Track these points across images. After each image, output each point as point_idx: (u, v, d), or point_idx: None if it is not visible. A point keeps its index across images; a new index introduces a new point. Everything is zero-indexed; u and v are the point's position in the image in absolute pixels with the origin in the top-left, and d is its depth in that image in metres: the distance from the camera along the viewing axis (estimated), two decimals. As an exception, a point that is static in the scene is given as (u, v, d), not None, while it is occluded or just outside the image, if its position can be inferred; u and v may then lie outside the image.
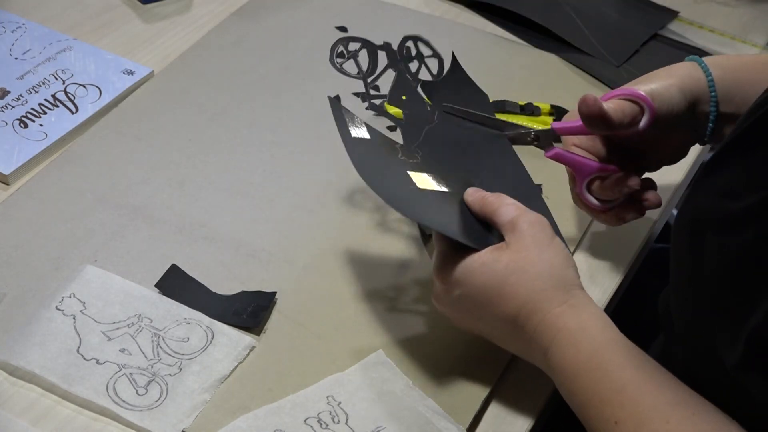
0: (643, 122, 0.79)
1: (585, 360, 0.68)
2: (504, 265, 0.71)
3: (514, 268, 0.71)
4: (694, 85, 0.82)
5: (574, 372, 0.68)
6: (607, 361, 0.67)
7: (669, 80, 0.81)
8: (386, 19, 1.14)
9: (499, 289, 0.71)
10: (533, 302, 0.70)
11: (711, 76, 0.82)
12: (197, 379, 0.74)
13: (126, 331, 0.77)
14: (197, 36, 1.09)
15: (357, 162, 0.74)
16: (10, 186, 0.90)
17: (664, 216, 0.95)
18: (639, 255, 0.90)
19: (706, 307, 0.68)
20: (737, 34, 1.15)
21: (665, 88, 0.81)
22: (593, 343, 0.68)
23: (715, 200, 0.68)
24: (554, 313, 0.69)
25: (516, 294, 0.71)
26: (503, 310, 0.71)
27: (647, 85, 0.81)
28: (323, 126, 0.99)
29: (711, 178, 0.71)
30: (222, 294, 0.81)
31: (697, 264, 0.69)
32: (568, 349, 0.68)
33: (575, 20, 1.14)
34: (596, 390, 0.67)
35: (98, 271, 0.81)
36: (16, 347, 0.75)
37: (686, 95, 0.81)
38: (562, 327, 0.69)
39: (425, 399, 0.74)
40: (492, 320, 0.72)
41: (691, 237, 0.71)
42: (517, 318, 0.71)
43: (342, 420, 0.72)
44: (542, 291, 0.70)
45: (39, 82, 1.00)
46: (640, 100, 0.79)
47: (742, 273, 0.63)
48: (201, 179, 0.92)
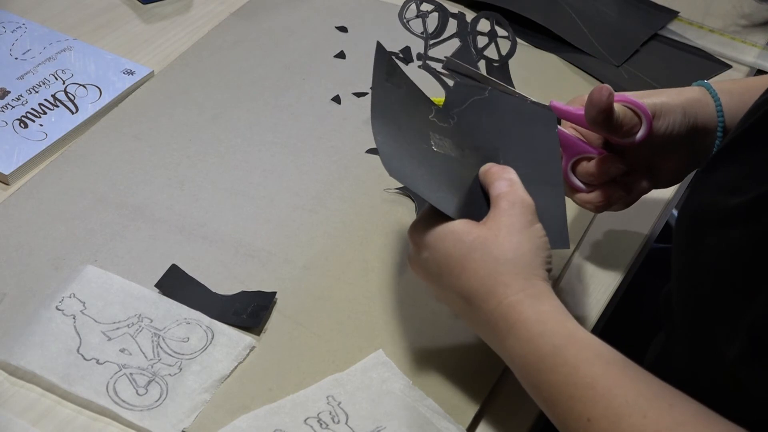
0: (640, 134, 0.78)
1: (549, 354, 0.66)
2: (472, 239, 0.69)
3: (480, 245, 0.69)
4: (701, 110, 0.81)
5: (536, 367, 0.66)
6: (573, 356, 0.65)
7: (675, 100, 0.80)
8: (386, 19, 1.14)
9: (461, 261, 0.69)
10: (490, 285, 0.69)
11: (719, 103, 0.81)
12: (197, 379, 0.74)
13: (126, 331, 0.77)
14: (197, 36, 1.09)
15: (375, 104, 0.72)
16: (10, 186, 0.90)
17: (664, 216, 0.95)
18: (639, 255, 0.90)
19: (707, 302, 0.68)
20: (737, 34, 1.15)
21: (669, 106, 0.80)
22: (555, 337, 0.67)
23: (715, 196, 0.68)
24: (510, 301, 0.68)
25: (475, 271, 0.69)
26: (461, 284, 0.70)
27: (651, 98, 0.80)
28: (323, 126, 0.99)
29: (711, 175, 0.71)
30: (222, 294, 0.81)
31: (697, 259, 0.69)
32: (529, 343, 0.67)
33: (575, 20, 1.14)
34: (564, 386, 0.65)
35: (98, 271, 0.81)
36: (16, 347, 0.75)
37: (689, 119, 0.80)
38: (519, 317, 0.67)
39: (425, 399, 0.74)
40: (451, 292, 0.71)
41: (691, 232, 0.71)
42: (473, 297, 0.69)
43: (342, 420, 0.72)
44: (501, 275, 0.69)
45: (39, 82, 1.00)
46: (639, 111, 0.78)
47: (742, 266, 0.63)
48: (201, 179, 0.92)
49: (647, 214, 0.93)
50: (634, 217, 0.92)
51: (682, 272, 0.73)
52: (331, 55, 1.08)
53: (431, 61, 0.82)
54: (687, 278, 0.72)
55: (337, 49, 1.09)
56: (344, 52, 1.09)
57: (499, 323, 0.68)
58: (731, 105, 0.82)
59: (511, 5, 1.15)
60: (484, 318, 0.69)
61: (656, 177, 0.84)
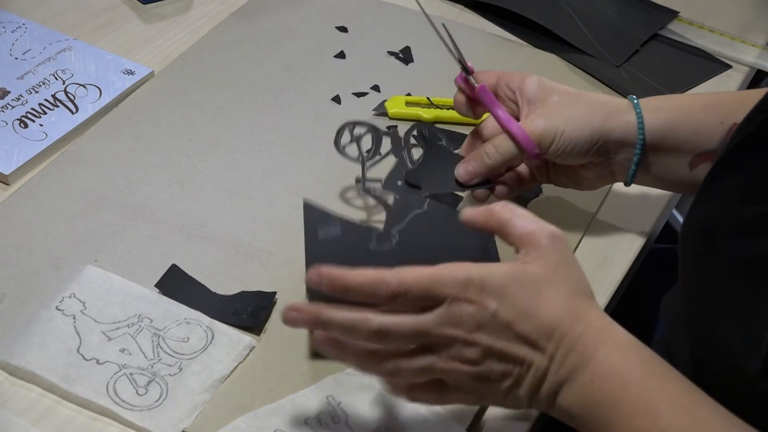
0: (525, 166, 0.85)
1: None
2: (536, 279, 0.63)
3: (547, 282, 0.63)
4: (617, 126, 0.81)
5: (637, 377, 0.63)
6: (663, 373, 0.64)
7: (585, 118, 0.81)
8: (386, 19, 1.14)
9: (534, 299, 0.63)
10: (574, 313, 0.64)
11: (641, 120, 0.81)
12: (197, 379, 0.74)
13: (126, 331, 0.77)
14: (197, 36, 1.09)
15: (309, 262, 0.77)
16: (10, 186, 0.90)
17: (664, 216, 0.95)
18: (639, 255, 0.90)
19: (723, 315, 0.66)
20: (737, 34, 1.15)
21: (574, 126, 0.81)
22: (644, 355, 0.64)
23: (726, 206, 0.67)
24: (601, 324, 0.64)
25: (554, 303, 0.63)
26: (540, 321, 0.63)
27: (552, 119, 0.81)
28: (323, 126, 0.99)
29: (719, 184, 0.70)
30: (222, 294, 0.81)
31: (711, 271, 0.68)
32: (625, 355, 0.64)
33: (575, 20, 1.14)
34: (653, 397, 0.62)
35: (98, 271, 0.81)
36: (16, 347, 0.75)
37: (599, 135, 0.81)
38: (610, 335, 0.64)
39: (425, 399, 0.74)
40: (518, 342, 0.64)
41: (702, 244, 0.70)
42: (557, 329, 0.63)
43: (342, 420, 0.72)
44: (581, 305, 0.64)
45: (39, 82, 1.00)
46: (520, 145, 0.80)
47: (761, 279, 0.62)
48: (201, 179, 0.92)
49: (647, 214, 0.93)
50: (634, 217, 0.92)
51: (694, 284, 0.71)
52: (331, 55, 1.08)
53: (370, 182, 0.86)
54: (699, 292, 0.71)
55: (337, 49, 1.09)
56: (344, 52, 1.09)
57: (590, 342, 0.64)
58: (657, 122, 0.82)
59: (511, 5, 1.15)
60: (569, 344, 0.63)
61: (575, 182, 0.86)
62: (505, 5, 1.15)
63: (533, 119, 0.81)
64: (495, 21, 1.16)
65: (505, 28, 1.15)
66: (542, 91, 0.82)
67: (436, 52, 1.09)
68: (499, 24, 1.15)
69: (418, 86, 1.04)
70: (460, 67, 0.84)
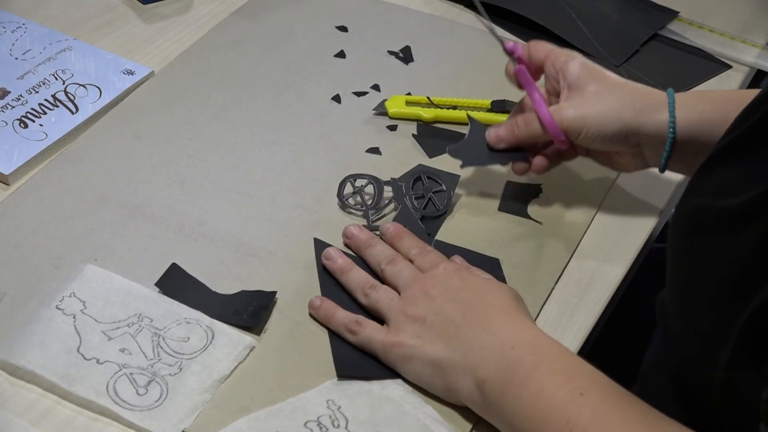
0: (553, 149, 0.88)
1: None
2: None
3: None
4: (648, 123, 0.83)
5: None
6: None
7: (616, 112, 0.83)
8: (386, 19, 1.14)
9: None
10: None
11: (674, 119, 0.83)
12: (197, 379, 0.74)
13: (126, 331, 0.77)
14: (197, 36, 1.09)
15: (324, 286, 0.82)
16: (10, 186, 0.90)
17: (664, 216, 0.95)
18: (639, 255, 0.90)
19: (703, 307, 0.67)
20: (737, 34, 1.15)
21: (603, 119, 0.84)
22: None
23: (710, 199, 0.68)
24: None
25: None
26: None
27: (582, 110, 0.84)
28: (323, 126, 0.99)
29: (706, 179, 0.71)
30: (222, 293, 0.81)
31: (693, 263, 0.69)
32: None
33: (575, 20, 1.14)
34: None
35: (98, 271, 0.81)
36: (16, 347, 0.75)
37: (628, 130, 0.84)
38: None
39: (424, 405, 0.74)
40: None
41: (686, 236, 0.70)
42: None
43: (342, 424, 0.72)
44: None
45: (39, 82, 1.00)
46: (547, 130, 0.85)
47: (739, 270, 0.63)
48: (201, 178, 0.92)
49: (647, 214, 0.93)
50: (634, 217, 0.92)
51: (678, 276, 0.72)
52: (331, 55, 1.08)
53: (375, 231, 0.87)
54: (682, 282, 0.72)
55: (337, 48, 1.09)
56: (344, 51, 1.09)
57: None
58: (690, 120, 0.83)
59: (511, 5, 1.15)
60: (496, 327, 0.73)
61: (607, 162, 0.90)
62: (505, 5, 1.15)
63: (565, 108, 0.85)
64: (495, 21, 1.16)
65: (505, 28, 1.15)
66: (582, 78, 0.85)
67: (437, 52, 1.09)
68: (499, 24, 1.15)
69: (418, 86, 1.04)
70: (502, 49, 0.89)
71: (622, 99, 0.84)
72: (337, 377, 0.75)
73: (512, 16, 1.15)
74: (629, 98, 0.84)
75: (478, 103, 1.00)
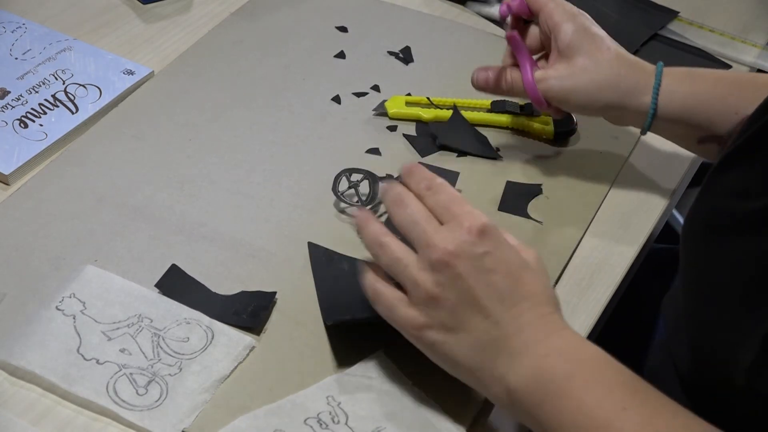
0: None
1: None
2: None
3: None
4: (631, 105, 0.85)
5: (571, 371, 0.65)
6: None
7: (601, 91, 0.85)
8: (386, 19, 1.14)
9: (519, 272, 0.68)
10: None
11: (655, 105, 0.85)
12: (197, 379, 0.74)
13: (126, 331, 0.77)
14: (197, 36, 1.09)
15: (321, 296, 0.79)
16: (10, 186, 0.90)
17: (664, 216, 0.95)
18: (639, 255, 0.90)
19: (726, 308, 0.66)
20: (737, 34, 1.15)
21: (587, 96, 0.85)
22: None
23: (728, 201, 0.67)
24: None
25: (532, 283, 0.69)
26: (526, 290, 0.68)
27: (567, 82, 0.85)
28: (323, 126, 0.99)
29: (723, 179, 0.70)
30: (222, 294, 0.81)
31: (712, 265, 0.68)
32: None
33: (575, 20, 1.14)
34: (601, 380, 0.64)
35: (98, 271, 0.81)
36: (16, 347, 0.75)
37: (610, 108, 0.86)
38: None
39: (425, 399, 0.74)
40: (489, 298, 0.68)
41: (707, 237, 0.70)
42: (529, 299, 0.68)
43: (342, 420, 0.72)
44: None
45: (39, 82, 1.00)
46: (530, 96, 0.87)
47: (761, 274, 0.63)
48: (201, 179, 0.92)
49: (647, 214, 0.93)
50: (634, 217, 0.92)
51: (695, 277, 0.72)
52: (331, 55, 1.08)
53: None
54: (701, 283, 0.71)
55: (337, 49, 1.09)
56: (344, 52, 1.09)
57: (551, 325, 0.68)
58: (671, 106, 0.85)
59: (511, 5, 1.15)
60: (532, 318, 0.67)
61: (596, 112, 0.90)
62: (505, 5, 1.15)
63: (550, 78, 0.86)
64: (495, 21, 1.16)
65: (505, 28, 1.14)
66: (574, 45, 0.86)
67: (436, 52, 1.09)
68: (498, 24, 1.15)
69: (418, 86, 1.04)
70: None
71: (608, 78, 0.84)
72: (325, 325, 0.74)
73: (512, 16, 1.15)
74: (615, 78, 0.85)
75: (478, 104, 1.00)
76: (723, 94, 0.84)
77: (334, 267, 0.82)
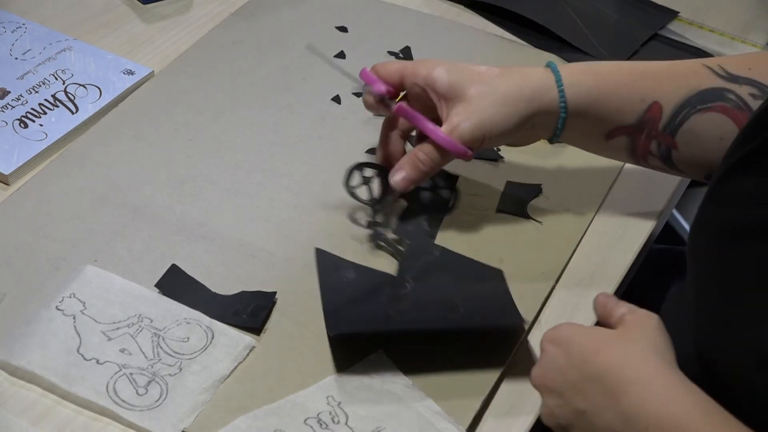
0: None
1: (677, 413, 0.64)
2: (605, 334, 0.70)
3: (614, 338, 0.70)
4: (542, 107, 0.82)
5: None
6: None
7: (510, 109, 0.81)
8: (386, 19, 1.14)
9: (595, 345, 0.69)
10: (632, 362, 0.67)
11: (564, 99, 0.82)
12: (197, 379, 0.74)
13: (126, 331, 0.77)
14: (197, 36, 1.09)
15: (328, 306, 0.78)
16: (10, 186, 0.90)
17: (663, 217, 0.95)
18: (639, 255, 0.90)
19: (737, 316, 0.66)
20: (737, 34, 1.15)
21: (501, 120, 0.81)
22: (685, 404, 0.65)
23: (741, 209, 0.67)
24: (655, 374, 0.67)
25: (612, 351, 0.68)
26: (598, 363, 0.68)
27: (476, 117, 0.80)
28: (323, 126, 0.99)
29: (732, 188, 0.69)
30: (222, 294, 0.81)
31: (730, 271, 0.67)
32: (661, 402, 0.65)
33: (575, 20, 1.14)
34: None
35: (98, 271, 0.81)
36: (16, 347, 0.75)
37: (525, 120, 0.82)
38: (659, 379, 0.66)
39: (425, 399, 0.74)
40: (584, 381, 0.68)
41: (716, 246, 0.69)
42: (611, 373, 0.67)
43: (342, 420, 0.72)
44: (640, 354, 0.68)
45: (39, 82, 1.00)
46: (451, 152, 0.81)
47: None
48: (201, 179, 0.92)
49: (647, 215, 0.93)
50: (634, 217, 0.92)
51: (704, 285, 0.71)
52: (331, 55, 1.08)
53: (380, 227, 0.87)
54: (711, 291, 0.70)
55: (337, 49, 1.09)
56: (344, 52, 1.09)
57: (632, 389, 0.66)
58: (579, 98, 0.83)
59: (511, 5, 1.15)
60: (617, 390, 0.66)
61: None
62: (505, 5, 1.15)
63: (458, 123, 0.80)
64: (495, 21, 1.16)
65: (505, 28, 1.15)
66: (455, 85, 0.81)
67: (436, 52, 1.09)
68: (499, 24, 1.15)
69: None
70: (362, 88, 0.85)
71: (509, 90, 0.81)
72: (329, 336, 0.74)
73: (512, 16, 1.15)
74: (516, 88, 0.81)
75: None
76: (627, 81, 0.84)
77: (341, 275, 0.82)
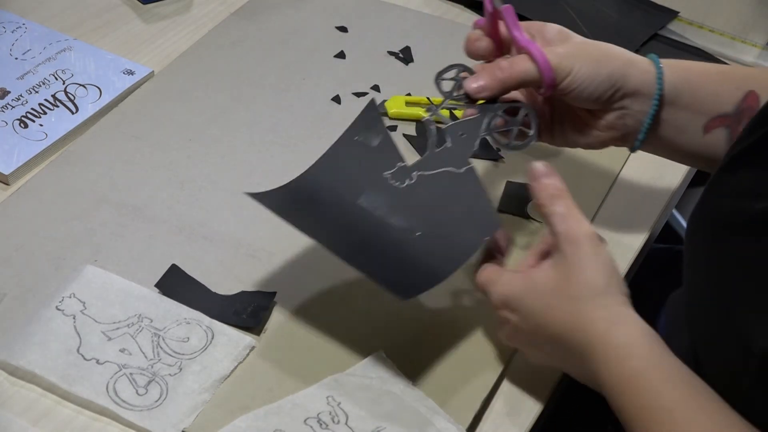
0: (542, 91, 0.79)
1: (632, 377, 0.67)
2: (548, 289, 0.72)
3: (556, 291, 0.71)
4: (636, 74, 0.80)
5: (619, 390, 0.67)
6: (655, 379, 0.66)
7: (604, 60, 0.79)
8: (386, 19, 1.14)
9: (543, 312, 0.72)
10: (574, 323, 0.70)
11: (661, 72, 0.80)
12: (197, 379, 0.74)
13: (126, 331, 0.77)
14: (197, 36, 1.09)
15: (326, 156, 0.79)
16: (10, 186, 0.90)
17: (664, 216, 0.95)
18: (639, 255, 0.90)
19: (732, 309, 0.66)
20: (737, 34, 1.15)
21: (592, 64, 0.78)
22: (639, 361, 0.67)
23: (738, 201, 0.67)
24: (595, 333, 0.69)
25: (558, 316, 0.71)
26: (550, 332, 0.72)
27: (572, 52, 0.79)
28: (323, 126, 0.99)
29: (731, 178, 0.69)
30: (222, 294, 0.81)
31: (721, 266, 0.68)
32: (616, 367, 0.67)
33: (575, 20, 1.14)
34: (645, 409, 0.65)
35: (98, 271, 0.81)
36: (16, 347, 0.75)
37: (615, 79, 0.79)
38: (605, 347, 0.68)
39: (425, 399, 0.74)
40: (545, 344, 0.73)
41: (712, 237, 0.70)
42: (562, 340, 0.71)
43: (342, 420, 0.72)
44: (582, 312, 0.70)
45: (39, 82, 1.00)
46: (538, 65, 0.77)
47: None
48: (201, 179, 0.92)
49: (647, 214, 0.93)
50: (634, 217, 0.92)
51: (699, 277, 0.71)
52: (331, 55, 1.08)
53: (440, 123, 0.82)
54: (705, 284, 0.70)
55: (337, 49, 1.09)
56: (344, 52, 1.09)
57: (589, 356, 0.69)
58: (676, 77, 0.81)
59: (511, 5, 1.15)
60: (576, 353, 0.70)
61: (577, 131, 0.84)
62: (505, 5, 1.15)
63: (553, 48, 0.79)
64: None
65: (505, 28, 1.15)
66: (563, 34, 0.82)
67: (436, 52, 1.09)
68: (499, 24, 1.15)
69: (418, 86, 1.04)
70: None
71: (608, 51, 0.81)
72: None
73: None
74: (615, 50, 0.81)
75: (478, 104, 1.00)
76: (720, 71, 0.84)
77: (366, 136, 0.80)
